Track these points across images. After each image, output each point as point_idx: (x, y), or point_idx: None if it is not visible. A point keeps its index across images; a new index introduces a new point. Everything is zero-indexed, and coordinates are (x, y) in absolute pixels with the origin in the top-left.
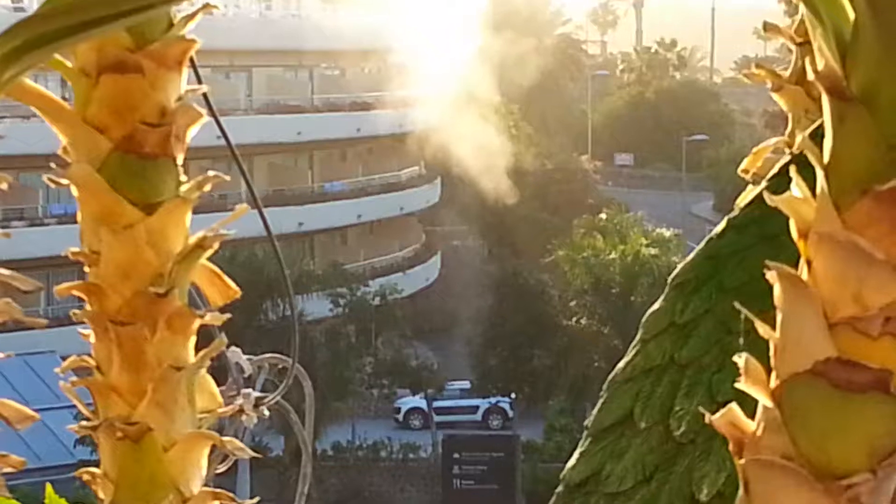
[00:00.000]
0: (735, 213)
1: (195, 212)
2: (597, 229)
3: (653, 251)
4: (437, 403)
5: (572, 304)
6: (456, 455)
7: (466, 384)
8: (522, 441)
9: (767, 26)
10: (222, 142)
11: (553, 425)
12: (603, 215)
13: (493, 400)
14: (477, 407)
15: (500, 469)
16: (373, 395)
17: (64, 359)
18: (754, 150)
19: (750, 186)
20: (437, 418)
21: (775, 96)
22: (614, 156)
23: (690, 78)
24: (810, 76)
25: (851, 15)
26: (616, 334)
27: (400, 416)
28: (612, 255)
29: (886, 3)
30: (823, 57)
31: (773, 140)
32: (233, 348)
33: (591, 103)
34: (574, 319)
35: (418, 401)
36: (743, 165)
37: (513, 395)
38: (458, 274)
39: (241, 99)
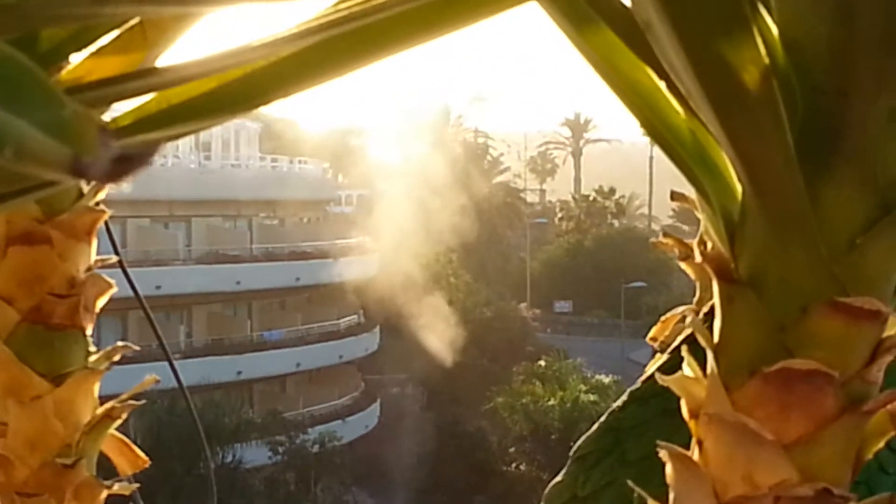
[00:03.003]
0: (637, 385)
1: (132, 361)
2: (536, 376)
3: (592, 397)
4: None
5: (511, 450)
6: None
7: None
8: None
9: (674, 195)
10: (159, 292)
11: None
12: (542, 362)
13: None
14: None
15: None
16: None
17: None
18: (662, 318)
19: (657, 355)
20: None
21: (683, 265)
22: (553, 303)
23: (629, 225)
24: (698, 258)
25: (739, 196)
26: None
27: None
28: (552, 402)
29: (771, 186)
30: (711, 239)
31: (681, 308)
32: None
33: (529, 251)
34: (513, 466)
35: None
36: (651, 333)
37: None
38: (398, 421)
39: (179, 249)
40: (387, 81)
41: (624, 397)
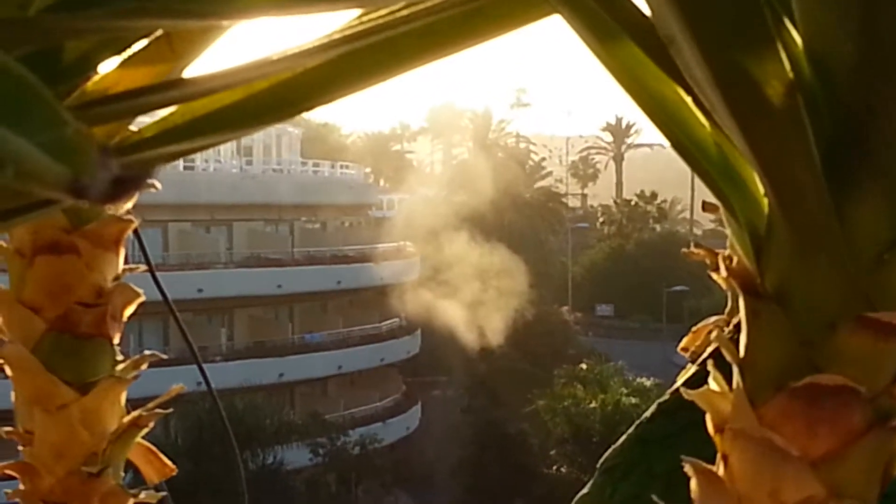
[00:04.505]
0: (665, 397)
1: (177, 364)
2: (577, 379)
3: (633, 400)
4: None
5: (553, 452)
6: None
7: None
8: None
9: (706, 205)
10: (201, 295)
11: None
12: (583, 365)
13: None
14: None
15: None
16: None
17: None
18: (693, 328)
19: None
20: None
21: (715, 276)
22: (595, 307)
23: (671, 230)
24: (724, 273)
25: (766, 211)
26: None
27: None
28: (593, 405)
29: (797, 202)
30: (736, 254)
31: (713, 318)
32: None
33: (571, 255)
34: (555, 468)
35: None
36: (682, 343)
37: None
38: (439, 424)
39: (221, 253)
40: (429, 86)
41: (652, 409)
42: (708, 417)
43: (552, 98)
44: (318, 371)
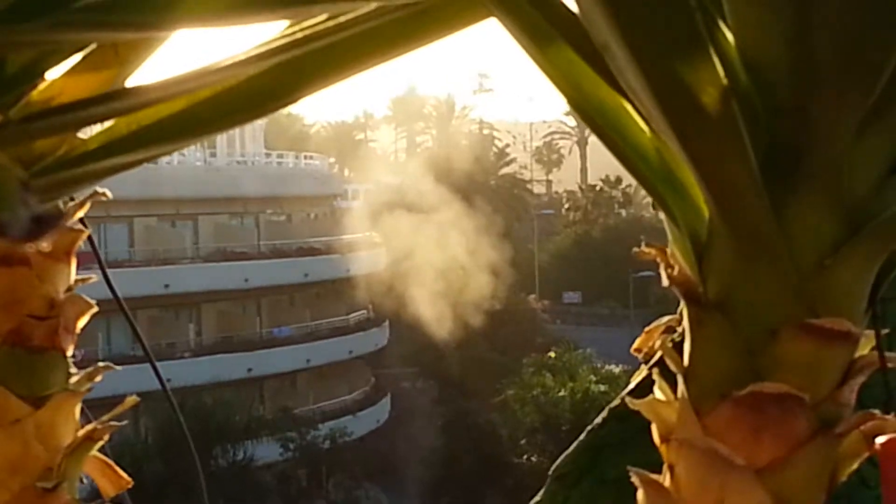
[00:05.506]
0: (617, 402)
1: (138, 361)
2: (546, 367)
3: (602, 388)
4: None
5: (523, 442)
6: None
7: None
8: None
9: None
10: (168, 291)
11: None
12: (552, 353)
13: None
14: None
15: None
16: None
17: None
18: (646, 329)
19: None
20: None
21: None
22: (562, 294)
23: (636, 215)
24: (665, 281)
25: (707, 217)
26: None
27: None
28: (562, 393)
29: (736, 208)
30: (677, 263)
31: (666, 318)
32: None
33: (537, 242)
34: (525, 458)
35: None
36: (634, 345)
37: None
38: (409, 415)
39: (187, 247)
40: (392, 74)
41: (604, 414)
42: (653, 427)
43: (514, 84)
44: (286, 365)
